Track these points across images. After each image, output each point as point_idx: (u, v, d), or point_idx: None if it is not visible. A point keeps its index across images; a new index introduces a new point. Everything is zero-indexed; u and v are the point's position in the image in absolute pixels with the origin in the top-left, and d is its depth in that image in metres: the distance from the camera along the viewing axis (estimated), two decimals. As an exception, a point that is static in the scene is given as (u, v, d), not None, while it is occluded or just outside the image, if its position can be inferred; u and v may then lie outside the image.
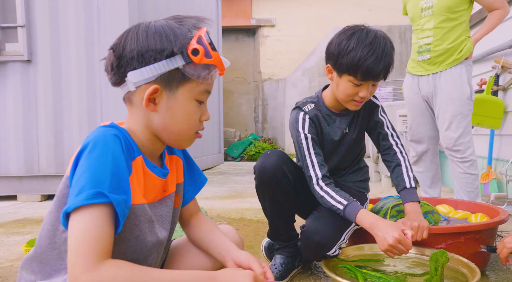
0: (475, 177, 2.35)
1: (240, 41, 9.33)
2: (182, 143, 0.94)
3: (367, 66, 1.37)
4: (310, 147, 1.52)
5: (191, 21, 0.87)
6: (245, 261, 0.96)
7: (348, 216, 1.42)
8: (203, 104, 0.92)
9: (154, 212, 0.95)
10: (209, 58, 0.84)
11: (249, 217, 2.77)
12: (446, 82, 2.31)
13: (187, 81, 0.86)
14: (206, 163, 6.03)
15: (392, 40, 4.87)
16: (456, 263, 1.37)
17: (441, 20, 2.27)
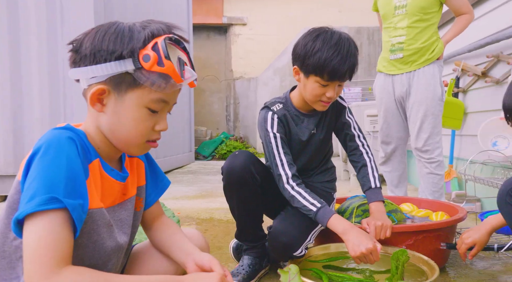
0: (440, 177, 2.39)
1: (211, 39, 9.26)
2: (131, 149, 0.91)
3: (333, 67, 1.40)
4: (279, 146, 1.54)
5: (155, 27, 0.85)
6: (207, 262, 0.95)
7: (319, 219, 1.44)
8: (159, 114, 0.89)
9: (113, 216, 0.93)
10: (161, 67, 0.81)
11: (218, 217, 2.77)
12: (420, 82, 2.32)
13: (138, 87, 0.84)
14: (176, 162, 5.96)
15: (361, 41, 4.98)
16: (416, 260, 1.42)
17: (414, 20, 2.28)
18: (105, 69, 0.82)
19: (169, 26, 0.88)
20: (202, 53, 8.94)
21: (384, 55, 2.48)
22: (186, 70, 0.87)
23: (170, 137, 5.51)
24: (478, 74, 2.87)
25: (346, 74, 1.44)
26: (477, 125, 2.71)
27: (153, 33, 0.83)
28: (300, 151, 1.64)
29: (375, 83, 2.58)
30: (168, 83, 0.83)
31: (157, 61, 0.81)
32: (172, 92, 0.88)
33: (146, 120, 0.87)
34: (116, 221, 0.94)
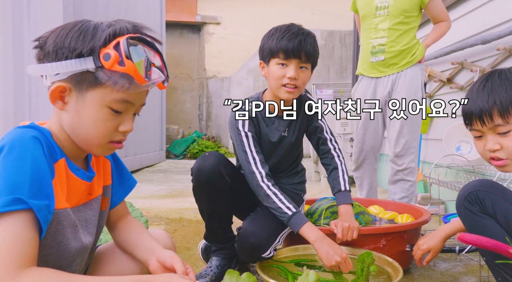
0: (411, 183, 2.40)
1: (184, 37, 9.16)
2: (93, 149, 0.89)
3: (285, 44, 1.46)
4: (251, 145, 1.54)
5: (120, 26, 0.83)
6: (169, 259, 0.94)
7: (291, 224, 1.45)
8: (124, 114, 0.87)
9: (78, 216, 0.91)
10: (122, 66, 0.79)
11: (188, 217, 2.74)
12: (402, 85, 2.29)
13: (99, 86, 0.82)
14: (146, 160, 5.87)
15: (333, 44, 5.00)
16: (382, 262, 1.45)
17: (396, 22, 2.25)
18: (65, 67, 0.80)
19: (137, 26, 0.86)
20: (175, 51, 8.83)
21: (364, 58, 2.42)
22: (153, 71, 0.85)
23: (140, 135, 5.41)
24: (444, 80, 2.96)
25: (301, 52, 1.46)
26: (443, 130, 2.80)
27: (116, 32, 0.82)
28: (271, 152, 1.64)
29: (356, 86, 2.51)
30: (131, 83, 0.82)
31: (118, 60, 0.79)
32: (137, 93, 0.86)
33: (108, 120, 0.85)
34: (81, 221, 0.93)
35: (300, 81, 1.50)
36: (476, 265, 1.71)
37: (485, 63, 2.58)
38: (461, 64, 2.78)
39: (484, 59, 2.60)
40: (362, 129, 2.46)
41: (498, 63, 2.44)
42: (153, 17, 6.09)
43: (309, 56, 1.49)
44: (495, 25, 2.50)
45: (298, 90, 1.52)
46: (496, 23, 2.49)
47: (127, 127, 0.88)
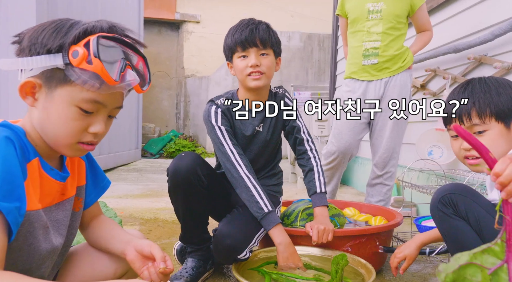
0: (389, 187, 2.42)
1: (163, 34, 9.06)
2: (61, 149, 0.87)
3: (238, 36, 1.52)
4: (226, 138, 1.55)
5: (94, 24, 0.82)
6: (147, 247, 0.94)
7: (264, 222, 1.48)
8: (95, 115, 0.85)
9: (49, 217, 0.89)
10: (89, 65, 0.78)
11: (163, 218, 2.71)
12: (393, 90, 2.30)
13: (68, 84, 0.81)
14: (121, 159, 5.76)
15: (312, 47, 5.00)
16: (356, 264, 1.47)
17: (389, 26, 2.26)
18: (34, 62, 0.79)
19: (114, 26, 0.85)
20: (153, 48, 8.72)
21: (355, 61, 2.37)
22: (128, 73, 0.83)
23: (115, 133, 5.32)
24: (418, 86, 3.04)
25: (256, 40, 1.51)
26: (416, 135, 2.88)
27: (87, 30, 0.81)
28: (245, 147, 1.65)
29: (344, 88, 2.45)
30: (102, 83, 0.80)
31: (86, 58, 0.78)
32: (109, 95, 0.84)
33: (76, 119, 0.83)
34: (53, 221, 0.91)
35: (264, 67, 1.53)
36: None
37: (456, 71, 2.67)
38: (434, 71, 2.86)
39: (456, 67, 2.68)
40: (343, 129, 2.39)
41: (468, 72, 2.53)
42: (130, 13, 6.00)
43: (264, 42, 1.52)
44: (466, 35, 2.59)
45: (265, 76, 1.54)
46: (467, 33, 2.58)
47: (97, 129, 0.86)
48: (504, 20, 2.22)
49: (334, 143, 2.45)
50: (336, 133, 2.44)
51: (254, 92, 1.59)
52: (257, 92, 1.60)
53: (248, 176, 1.51)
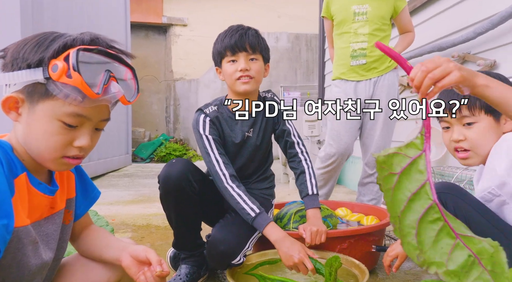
0: None
1: (150, 38, 9.02)
2: (46, 163, 0.86)
3: (228, 41, 1.53)
4: (213, 147, 1.55)
5: (74, 37, 0.81)
6: (142, 252, 0.94)
7: (256, 225, 1.47)
8: (79, 129, 0.84)
9: (39, 231, 0.88)
10: (69, 79, 0.77)
11: (156, 224, 2.70)
12: (382, 90, 2.34)
13: (50, 98, 0.80)
14: (111, 165, 5.72)
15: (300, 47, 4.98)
16: (349, 265, 1.48)
17: (375, 28, 2.31)
18: (15, 78, 0.78)
19: (97, 38, 0.84)
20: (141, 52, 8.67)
21: (343, 62, 2.41)
22: (111, 85, 0.82)
23: (105, 139, 5.27)
24: (405, 84, 3.07)
25: (245, 44, 1.52)
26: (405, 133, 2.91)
27: (67, 43, 0.80)
28: (235, 154, 1.65)
29: (334, 90, 2.47)
30: (84, 97, 0.79)
31: (66, 72, 0.77)
32: (93, 108, 0.83)
33: (60, 134, 0.82)
34: (42, 236, 0.89)
35: (254, 72, 1.54)
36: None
37: (443, 68, 2.69)
38: (420, 69, 2.88)
39: (442, 65, 2.71)
40: (341, 133, 2.39)
41: (454, 69, 2.55)
42: (116, 17, 5.96)
43: (254, 47, 1.53)
44: (450, 33, 2.62)
45: (254, 81, 1.55)
46: (451, 31, 2.62)
47: (82, 143, 0.85)
48: (485, 18, 2.26)
49: (333, 144, 2.44)
50: (334, 135, 2.43)
51: (243, 97, 1.59)
52: (246, 97, 1.60)
53: (232, 185, 1.51)
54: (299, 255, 1.38)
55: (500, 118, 1.11)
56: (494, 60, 2.19)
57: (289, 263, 1.40)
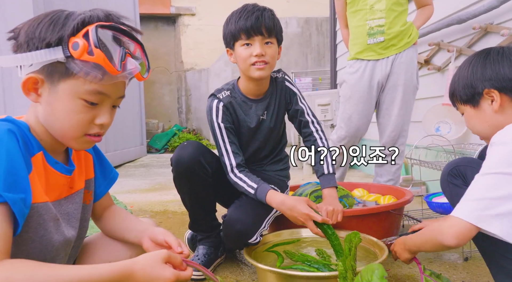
0: (398, 166, 2.39)
1: (159, 29, 9.00)
2: (69, 142, 0.87)
3: (243, 23, 1.45)
4: (224, 136, 1.53)
5: (90, 14, 0.81)
6: (161, 235, 0.96)
7: (259, 198, 1.46)
8: (100, 106, 0.85)
9: (60, 210, 0.89)
10: (91, 56, 0.77)
11: (173, 209, 2.71)
12: (400, 67, 2.25)
13: (71, 77, 0.80)
14: (128, 156, 5.78)
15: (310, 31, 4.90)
16: (367, 242, 1.46)
17: (393, 2, 2.19)
18: (34, 57, 0.78)
19: (111, 15, 0.84)
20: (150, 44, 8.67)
21: (360, 41, 2.30)
22: (128, 61, 0.82)
23: (120, 131, 5.32)
24: (421, 62, 2.99)
25: (262, 28, 1.45)
26: (422, 112, 2.84)
27: (85, 20, 0.79)
28: (250, 137, 1.63)
29: (351, 71, 2.36)
30: (104, 74, 0.79)
31: (87, 49, 0.76)
32: (113, 85, 0.83)
33: (82, 112, 0.83)
34: (63, 214, 0.91)
35: (269, 57, 1.48)
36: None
37: (461, 43, 2.61)
38: (437, 45, 2.81)
39: (461, 39, 2.63)
40: (356, 113, 2.35)
41: (474, 42, 2.47)
42: (125, 9, 5.95)
43: (270, 30, 1.47)
44: (470, 4, 2.52)
45: (269, 66, 1.50)
46: (471, 2, 2.51)
47: (103, 120, 0.85)
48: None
49: (343, 127, 2.41)
50: (346, 117, 2.39)
51: (257, 82, 1.56)
52: (260, 82, 1.56)
53: (235, 172, 1.52)
54: (303, 214, 1.39)
55: (480, 103, 1.08)
56: (519, 29, 2.11)
57: (297, 223, 1.42)
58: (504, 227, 0.89)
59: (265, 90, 1.61)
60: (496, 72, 1.03)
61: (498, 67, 1.03)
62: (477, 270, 1.52)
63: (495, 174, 0.91)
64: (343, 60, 4.67)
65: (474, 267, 1.55)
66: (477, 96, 1.07)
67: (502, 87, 1.02)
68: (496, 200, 0.90)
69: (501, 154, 0.92)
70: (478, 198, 0.93)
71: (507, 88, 1.02)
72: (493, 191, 0.90)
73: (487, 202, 0.91)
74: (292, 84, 1.67)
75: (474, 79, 1.06)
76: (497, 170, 0.91)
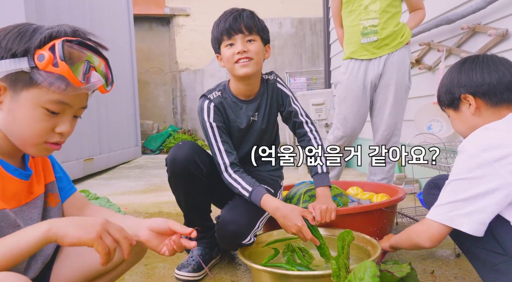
0: (393, 164, 2.43)
1: (154, 30, 8.99)
2: (28, 149, 0.89)
3: (223, 25, 1.49)
4: (216, 135, 1.54)
5: (58, 29, 0.84)
6: (163, 223, 0.97)
7: (254, 201, 1.47)
8: (61, 116, 0.88)
9: (22, 216, 0.91)
10: (55, 68, 0.81)
11: (167, 211, 2.72)
12: (392, 66, 2.29)
13: (34, 86, 0.83)
14: (122, 157, 5.77)
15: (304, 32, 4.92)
16: (361, 240, 1.47)
17: (387, 4, 2.24)
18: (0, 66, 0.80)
19: (77, 31, 0.88)
20: (145, 44, 8.67)
21: (353, 40, 2.35)
22: (92, 75, 0.87)
23: (114, 132, 5.31)
24: (413, 62, 3.02)
25: (241, 26, 1.48)
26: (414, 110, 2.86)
27: (52, 34, 0.83)
28: (241, 138, 1.64)
29: (344, 71, 2.41)
30: (68, 85, 0.83)
31: (52, 61, 0.80)
32: (75, 96, 0.87)
33: (43, 120, 0.86)
34: (26, 220, 0.92)
35: (252, 53, 1.49)
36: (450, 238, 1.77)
37: (451, 42, 2.64)
38: (428, 45, 2.84)
39: (450, 39, 2.66)
40: (352, 114, 2.38)
41: (463, 42, 2.51)
42: (119, 10, 5.94)
43: (250, 28, 1.49)
44: (458, 4, 2.56)
45: (253, 63, 1.50)
46: (459, 2, 2.55)
47: (63, 129, 0.88)
48: (495, -14, 2.19)
49: (340, 128, 2.44)
50: (341, 118, 2.43)
51: (246, 82, 1.56)
52: (248, 82, 1.57)
53: (229, 172, 1.52)
54: (295, 225, 1.41)
55: (460, 107, 1.17)
56: (506, 29, 2.14)
57: (290, 231, 1.43)
58: (473, 224, 0.99)
59: (256, 91, 1.62)
60: (470, 78, 1.13)
61: (471, 74, 1.13)
62: (469, 266, 1.54)
63: (459, 180, 1.02)
64: (337, 60, 4.69)
65: (466, 263, 1.57)
66: (456, 101, 1.17)
67: (475, 92, 1.12)
68: (462, 202, 1.01)
69: (462, 161, 1.03)
70: (447, 202, 1.04)
71: (480, 93, 1.11)
72: (458, 195, 1.01)
73: (455, 204, 1.02)
74: (284, 86, 1.68)
75: (452, 85, 1.17)
76: (460, 176, 1.02)
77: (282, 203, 1.46)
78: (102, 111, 4.80)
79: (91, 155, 4.60)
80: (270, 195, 1.48)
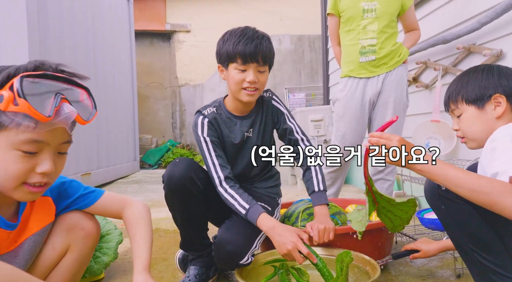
0: (391, 183, 2.43)
1: (155, 45, 9.07)
2: (10, 194, 0.85)
3: (242, 49, 1.46)
4: (210, 149, 1.54)
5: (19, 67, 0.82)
6: None
7: (250, 220, 1.45)
8: (40, 155, 0.84)
9: None
10: (16, 106, 0.77)
11: (164, 228, 2.69)
12: (390, 84, 2.32)
13: (2, 129, 0.80)
14: (120, 172, 5.74)
15: (303, 48, 4.96)
16: (360, 261, 1.46)
17: (384, 24, 2.29)
18: None
19: (43, 64, 0.84)
20: (146, 59, 8.74)
21: (352, 59, 2.38)
22: (64, 107, 0.82)
23: (112, 146, 5.30)
24: (410, 80, 3.04)
25: (258, 56, 1.48)
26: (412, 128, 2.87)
27: (10, 74, 0.80)
28: (235, 154, 1.64)
29: (342, 88, 2.43)
30: (37, 122, 0.79)
31: (12, 101, 0.77)
32: (49, 132, 0.83)
33: (20, 162, 0.82)
34: None
35: (260, 84, 1.52)
36: (451, 258, 1.75)
37: (447, 61, 2.66)
38: (424, 63, 2.86)
39: (446, 58, 2.68)
40: (350, 130, 2.39)
41: (459, 62, 2.53)
42: (121, 26, 6.00)
43: (265, 59, 1.50)
44: (454, 25, 2.59)
45: (258, 92, 1.54)
46: (454, 23, 2.58)
47: (44, 168, 0.84)
48: (490, 8, 2.22)
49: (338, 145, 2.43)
50: (339, 135, 2.44)
51: (244, 103, 1.58)
52: (248, 104, 1.60)
53: (225, 187, 1.50)
54: (291, 242, 1.35)
55: (484, 106, 1.16)
56: (501, 50, 2.16)
57: (282, 251, 1.36)
58: None
59: (251, 108, 1.63)
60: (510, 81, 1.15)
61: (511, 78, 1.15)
62: (469, 288, 1.52)
63: None
64: (335, 76, 4.72)
65: (466, 285, 1.55)
66: (485, 98, 1.16)
67: (510, 94, 1.13)
68: None
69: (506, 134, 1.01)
70: None
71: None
72: None
73: None
74: (280, 103, 1.69)
75: (488, 83, 1.16)
76: None
77: (278, 222, 1.44)
78: (101, 125, 4.80)
79: (88, 170, 4.58)
80: (267, 213, 1.46)
